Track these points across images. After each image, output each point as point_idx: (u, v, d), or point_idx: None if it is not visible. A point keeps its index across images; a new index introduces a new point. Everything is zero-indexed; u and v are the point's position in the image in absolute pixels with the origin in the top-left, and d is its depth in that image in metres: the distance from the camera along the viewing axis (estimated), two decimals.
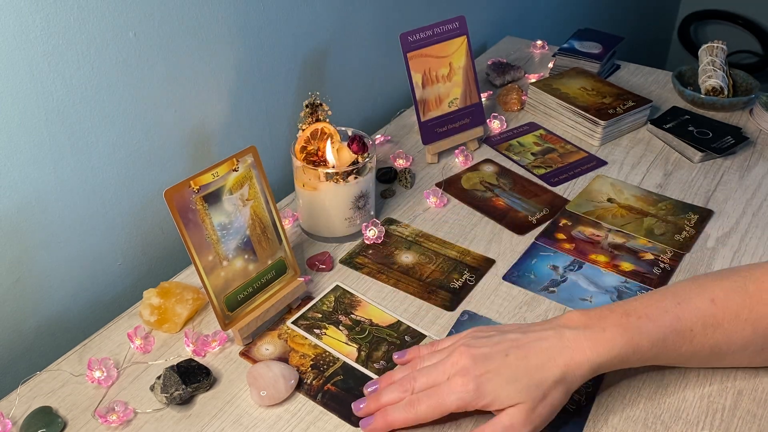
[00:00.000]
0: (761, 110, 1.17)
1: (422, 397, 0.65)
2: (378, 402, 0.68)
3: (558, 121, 1.16)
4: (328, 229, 0.90)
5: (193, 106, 0.89)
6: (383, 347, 0.76)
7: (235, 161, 0.73)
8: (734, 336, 0.68)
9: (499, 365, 0.64)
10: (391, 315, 0.80)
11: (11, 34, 0.67)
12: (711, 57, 1.23)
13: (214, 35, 0.88)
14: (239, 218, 0.75)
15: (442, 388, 0.65)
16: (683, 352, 0.68)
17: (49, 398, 0.70)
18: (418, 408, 0.65)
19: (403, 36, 0.99)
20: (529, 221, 0.95)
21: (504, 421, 0.63)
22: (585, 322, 0.67)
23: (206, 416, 0.69)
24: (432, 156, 1.07)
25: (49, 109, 0.73)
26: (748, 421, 0.68)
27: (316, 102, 0.88)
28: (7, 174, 0.71)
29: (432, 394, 0.65)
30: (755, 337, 0.68)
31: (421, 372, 0.67)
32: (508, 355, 0.65)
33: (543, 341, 0.66)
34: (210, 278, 0.72)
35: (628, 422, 0.68)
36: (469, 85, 1.07)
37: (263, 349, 0.76)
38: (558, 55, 1.31)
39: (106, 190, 0.82)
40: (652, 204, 0.98)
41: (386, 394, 0.68)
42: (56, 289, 0.81)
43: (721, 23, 2.74)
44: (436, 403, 0.65)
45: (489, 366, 0.64)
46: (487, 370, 0.64)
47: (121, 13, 0.76)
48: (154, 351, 0.76)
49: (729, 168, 1.07)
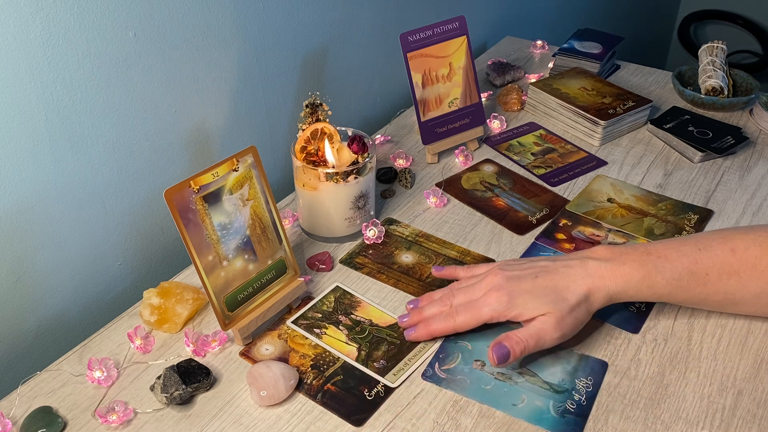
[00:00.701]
0: (761, 110, 1.17)
1: (460, 309, 0.74)
2: (420, 315, 0.77)
3: (558, 121, 1.16)
4: (328, 229, 0.90)
5: (193, 106, 0.89)
6: (383, 347, 0.76)
7: (235, 161, 0.73)
8: (749, 284, 0.72)
9: (530, 284, 0.73)
10: (391, 315, 0.80)
11: (11, 34, 0.67)
12: (711, 57, 1.23)
13: (214, 35, 0.88)
14: (239, 218, 0.75)
15: (478, 301, 0.74)
16: (697, 293, 0.73)
17: (49, 398, 0.70)
18: (457, 318, 0.74)
19: (403, 36, 0.99)
20: (529, 221, 0.95)
21: (537, 325, 0.71)
22: (608, 255, 0.74)
23: (206, 416, 0.69)
24: (432, 156, 1.07)
25: (49, 109, 0.73)
26: (748, 421, 0.68)
27: (316, 102, 0.88)
28: (7, 174, 0.71)
29: (469, 306, 0.74)
30: None
31: (459, 290, 0.76)
32: (537, 277, 0.73)
33: (569, 268, 0.74)
34: (210, 278, 0.72)
35: (628, 422, 0.68)
36: (469, 85, 1.07)
37: (263, 349, 0.76)
38: (558, 55, 1.31)
39: (106, 190, 0.82)
40: (652, 204, 0.98)
41: (428, 309, 0.77)
42: (56, 289, 0.81)
43: (721, 23, 2.74)
44: (472, 314, 0.74)
45: (520, 284, 0.73)
46: (519, 287, 0.73)
47: (121, 13, 0.76)
48: (154, 351, 0.76)
49: (729, 168, 1.07)
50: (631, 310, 0.81)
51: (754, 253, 0.72)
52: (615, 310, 0.80)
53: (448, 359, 0.75)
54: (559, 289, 0.72)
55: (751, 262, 0.72)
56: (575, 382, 0.72)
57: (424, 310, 0.77)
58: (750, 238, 0.73)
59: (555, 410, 0.69)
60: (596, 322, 0.79)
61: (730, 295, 0.74)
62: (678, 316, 0.80)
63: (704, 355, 0.75)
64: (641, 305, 0.81)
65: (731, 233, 0.75)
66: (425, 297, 0.79)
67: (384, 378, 0.73)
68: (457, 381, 0.72)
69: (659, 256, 0.73)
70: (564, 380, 0.72)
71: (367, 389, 0.71)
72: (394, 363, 0.74)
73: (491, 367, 0.73)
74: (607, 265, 0.73)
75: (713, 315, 0.80)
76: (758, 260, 0.72)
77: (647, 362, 0.75)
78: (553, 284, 0.72)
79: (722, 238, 0.74)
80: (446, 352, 0.75)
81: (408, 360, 0.75)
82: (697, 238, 0.75)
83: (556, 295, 0.72)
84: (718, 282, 0.73)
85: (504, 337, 0.71)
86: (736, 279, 0.72)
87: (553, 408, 0.70)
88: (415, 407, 0.70)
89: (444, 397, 0.71)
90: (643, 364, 0.74)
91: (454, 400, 0.71)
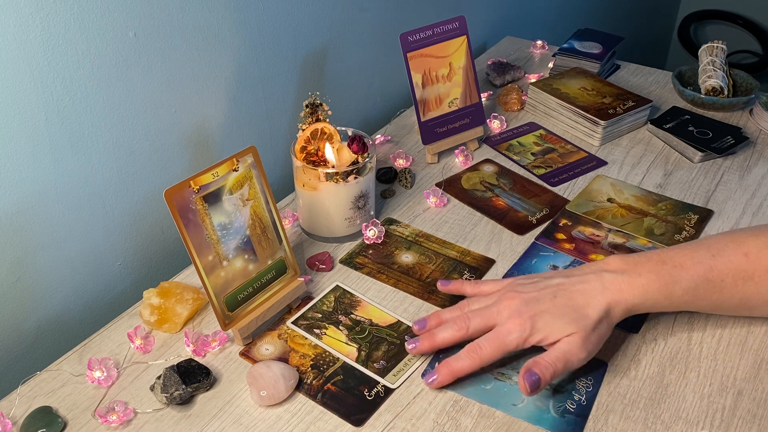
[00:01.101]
0: (761, 110, 1.17)
1: (483, 343, 0.71)
2: (433, 340, 0.73)
3: (558, 121, 1.16)
4: (328, 229, 0.90)
5: (193, 106, 0.89)
6: (383, 347, 0.76)
7: (235, 161, 0.73)
8: (763, 288, 0.72)
9: (549, 305, 0.71)
10: (391, 315, 0.80)
11: (11, 34, 0.67)
12: (711, 57, 1.23)
13: (214, 35, 0.88)
14: (239, 218, 0.75)
15: (501, 331, 0.70)
16: (713, 300, 0.73)
17: (49, 398, 0.70)
18: (482, 353, 0.70)
19: (403, 36, 0.99)
20: (529, 221, 0.95)
21: (563, 348, 0.69)
22: (623, 267, 0.73)
23: (206, 416, 0.69)
24: (432, 156, 1.07)
25: (49, 109, 0.73)
26: (748, 421, 0.68)
27: (316, 102, 0.88)
28: (7, 174, 0.71)
29: (492, 337, 0.71)
30: None
31: (474, 313, 0.73)
32: (555, 297, 0.71)
33: (585, 284, 0.72)
34: (210, 278, 0.72)
35: (628, 422, 0.68)
36: (469, 85, 1.07)
37: (263, 349, 0.76)
38: (558, 55, 1.31)
39: (106, 190, 0.82)
40: (652, 204, 0.98)
41: (441, 332, 0.73)
42: (56, 289, 0.81)
43: (721, 23, 2.74)
44: (497, 344, 0.70)
45: (540, 307, 0.71)
46: (539, 310, 0.70)
47: (121, 13, 0.76)
48: (154, 351, 0.76)
49: (729, 168, 1.07)
50: None
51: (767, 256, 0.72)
52: None
53: None
54: (579, 308, 0.70)
55: (765, 265, 0.72)
56: (575, 382, 0.72)
57: (437, 333, 0.73)
58: (762, 240, 0.73)
59: (555, 410, 0.69)
60: None
61: (746, 300, 0.73)
62: (678, 316, 0.80)
63: (704, 355, 0.75)
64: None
65: (742, 237, 0.74)
66: (433, 316, 0.75)
67: (384, 379, 0.73)
68: (457, 381, 0.72)
69: (675, 266, 0.72)
70: (564, 380, 0.72)
71: (367, 389, 0.71)
72: (394, 363, 0.74)
73: (492, 367, 0.73)
74: (623, 277, 0.72)
75: (713, 315, 0.80)
76: None
77: (647, 362, 0.75)
78: (572, 303, 0.70)
79: (734, 243, 0.73)
80: (446, 352, 0.75)
81: (408, 360, 0.75)
82: (709, 243, 0.74)
83: (577, 313, 0.70)
84: (734, 288, 0.72)
85: (532, 363, 0.68)
86: (752, 284, 0.72)
87: (553, 408, 0.70)
88: (415, 407, 0.70)
89: (444, 397, 0.71)
90: (643, 364, 0.74)
91: (454, 400, 0.71)
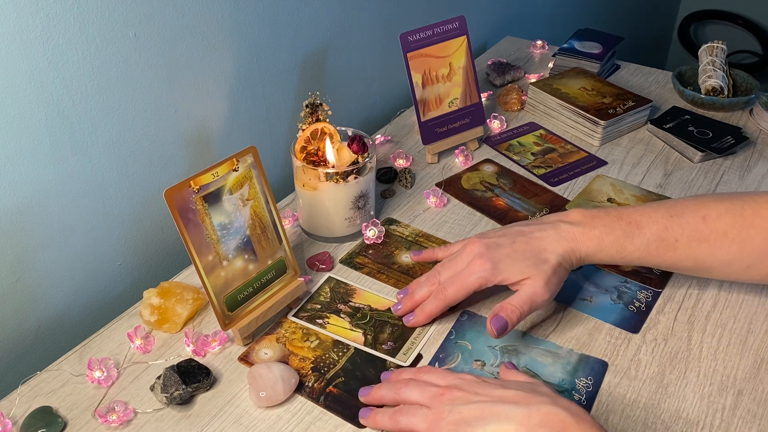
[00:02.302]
0: (761, 110, 1.17)
1: (447, 284, 0.76)
2: (412, 299, 0.78)
3: (558, 121, 1.16)
4: (328, 229, 0.90)
5: (193, 106, 0.89)
6: (387, 329, 0.78)
7: (235, 161, 0.73)
8: (719, 252, 0.74)
9: (509, 250, 0.75)
10: (388, 299, 0.82)
11: (11, 34, 0.67)
12: (711, 57, 1.23)
13: (214, 35, 0.88)
14: (239, 218, 0.75)
15: (464, 272, 0.75)
16: (666, 259, 0.75)
17: (49, 398, 0.70)
18: (446, 293, 0.76)
19: (403, 36, 0.99)
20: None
21: (528, 290, 0.73)
22: (580, 219, 0.77)
23: (206, 416, 0.69)
24: (432, 156, 1.07)
25: (49, 109, 0.73)
26: (748, 421, 0.68)
27: (316, 102, 0.88)
28: (7, 173, 0.71)
29: (455, 279, 0.76)
30: (741, 255, 0.74)
31: (443, 266, 0.78)
32: (515, 242, 0.76)
33: (542, 232, 0.76)
34: (210, 278, 0.72)
35: (628, 422, 0.68)
36: (469, 85, 1.07)
37: (262, 353, 0.76)
38: (558, 55, 1.31)
39: (106, 190, 0.82)
40: None
41: (418, 292, 0.78)
42: (56, 289, 0.81)
43: (721, 23, 2.74)
44: (460, 285, 0.75)
45: (500, 250, 0.75)
46: (500, 253, 0.75)
47: (121, 13, 0.76)
48: (154, 351, 0.76)
49: (729, 168, 1.07)
50: (631, 310, 0.81)
51: (726, 221, 0.73)
52: (615, 310, 0.80)
53: (449, 359, 0.75)
54: (537, 252, 0.74)
55: (722, 229, 0.73)
56: (575, 382, 0.72)
57: (415, 293, 0.78)
58: (724, 206, 0.74)
59: None
60: (596, 321, 0.79)
61: (701, 261, 0.75)
62: (678, 316, 0.80)
63: (704, 355, 0.75)
64: (641, 305, 0.81)
65: (705, 200, 0.76)
66: (413, 283, 0.80)
67: (395, 359, 0.74)
68: None
69: (630, 222, 0.75)
70: (564, 380, 0.72)
71: None
72: (401, 343, 0.76)
73: (491, 367, 0.73)
74: (578, 228, 0.75)
75: (713, 315, 0.80)
76: (729, 228, 0.73)
77: (647, 362, 0.75)
78: (530, 248, 0.75)
79: (695, 206, 0.75)
80: (446, 352, 0.75)
81: (414, 339, 0.77)
82: (671, 204, 0.77)
83: (535, 258, 0.74)
84: (688, 248, 0.74)
85: (499, 309, 0.73)
86: (706, 246, 0.73)
87: None
88: None
89: None
90: (643, 364, 0.74)
91: None
